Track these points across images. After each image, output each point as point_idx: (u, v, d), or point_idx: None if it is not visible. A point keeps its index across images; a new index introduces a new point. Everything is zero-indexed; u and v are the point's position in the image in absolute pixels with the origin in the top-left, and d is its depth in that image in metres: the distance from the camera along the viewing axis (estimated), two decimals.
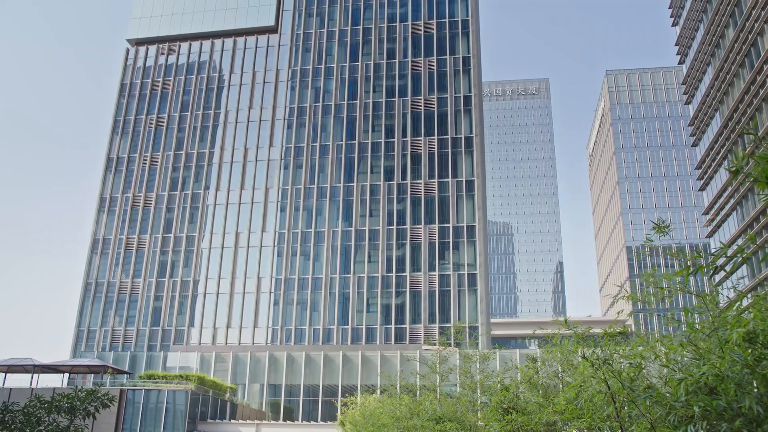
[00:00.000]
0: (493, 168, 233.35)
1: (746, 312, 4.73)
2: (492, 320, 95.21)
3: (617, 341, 5.75)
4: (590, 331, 6.18)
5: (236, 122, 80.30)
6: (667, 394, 4.44)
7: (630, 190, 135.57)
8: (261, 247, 74.00)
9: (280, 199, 75.67)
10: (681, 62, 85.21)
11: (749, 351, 3.96)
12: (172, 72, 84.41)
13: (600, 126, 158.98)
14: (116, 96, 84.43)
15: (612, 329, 5.59)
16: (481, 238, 69.79)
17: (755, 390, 3.94)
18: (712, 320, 4.88)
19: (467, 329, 65.69)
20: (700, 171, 78.94)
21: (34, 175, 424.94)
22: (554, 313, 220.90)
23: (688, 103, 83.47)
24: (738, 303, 4.76)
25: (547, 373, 8.51)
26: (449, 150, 73.59)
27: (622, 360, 5.57)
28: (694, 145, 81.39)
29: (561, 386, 8.17)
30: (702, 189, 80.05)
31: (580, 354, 5.68)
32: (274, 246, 73.74)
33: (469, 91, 75.88)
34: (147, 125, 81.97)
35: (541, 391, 8.38)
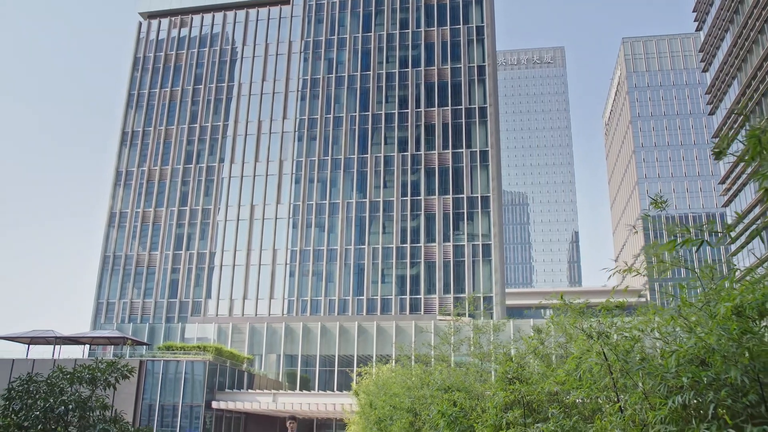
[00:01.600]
0: (508, 138, 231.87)
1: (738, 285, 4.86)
2: (507, 290, 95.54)
3: (614, 314, 5.91)
4: (588, 304, 6.35)
5: (249, 95, 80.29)
6: (660, 366, 4.61)
7: (646, 159, 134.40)
8: (276, 219, 74.41)
9: (294, 171, 75.86)
10: (699, 29, 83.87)
11: (735, 324, 4.12)
12: (184, 45, 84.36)
13: (616, 94, 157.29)
14: (130, 70, 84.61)
15: (608, 302, 5.77)
16: (495, 208, 69.76)
17: (742, 362, 4.11)
18: (704, 294, 5.03)
19: (482, 299, 66.00)
20: (717, 139, 78.07)
21: (50, 149, 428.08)
22: (570, 283, 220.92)
23: (705, 71, 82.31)
24: (732, 277, 4.90)
25: (551, 344, 8.71)
26: (463, 120, 73.27)
27: (622, 332, 5.73)
28: (711, 113, 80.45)
29: (566, 357, 8.35)
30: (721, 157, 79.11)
31: (577, 327, 5.87)
32: (289, 218, 74.13)
33: (483, 61, 75.29)
34: (161, 99, 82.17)
35: (545, 362, 8.58)
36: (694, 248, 4.60)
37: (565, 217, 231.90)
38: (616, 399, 5.39)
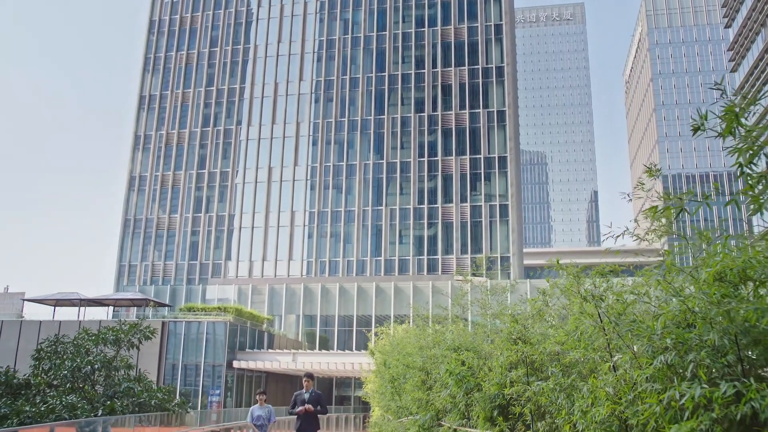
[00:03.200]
0: (527, 96, 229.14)
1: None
2: (525, 250, 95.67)
3: (608, 278, 6.15)
4: (586, 266, 6.57)
5: (266, 57, 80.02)
6: (648, 328, 4.87)
7: (667, 118, 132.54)
8: (294, 181, 74.76)
9: (311, 133, 75.93)
10: None
11: (715, 289, 4.36)
12: (200, 7, 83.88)
13: (637, 51, 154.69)
14: (146, 33, 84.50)
15: (602, 266, 6.02)
16: (512, 168, 69.57)
17: (722, 324, 4.36)
18: (695, 259, 5.24)
19: (499, 259, 66.28)
20: (739, 97, 76.85)
21: (69, 115, 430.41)
22: (588, 242, 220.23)
23: (728, 26, 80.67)
24: (724, 243, 5.10)
25: (555, 306, 8.98)
26: (480, 80, 72.70)
27: (616, 296, 5.96)
28: (734, 70, 79.09)
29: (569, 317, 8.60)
30: (743, 113, 77.95)
31: (573, 289, 6.13)
32: (306, 180, 74.44)
33: (501, 19, 74.31)
34: (177, 62, 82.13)
35: (550, 322, 8.87)
36: (714, 207, 4.77)
37: (584, 177, 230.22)
38: (610, 359, 5.66)
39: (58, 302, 56.34)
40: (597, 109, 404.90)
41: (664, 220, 5.81)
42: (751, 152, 4.74)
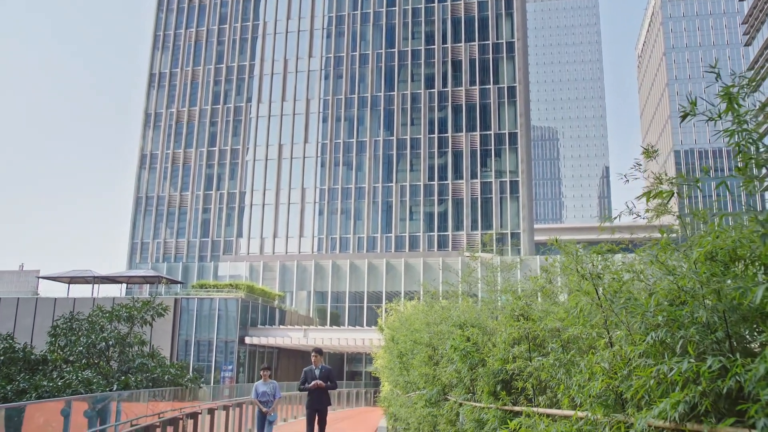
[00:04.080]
0: (538, 72, 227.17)
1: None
2: (537, 226, 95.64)
3: (606, 258, 6.27)
4: (585, 246, 6.69)
5: (275, 33, 79.75)
6: (641, 306, 5.01)
7: (680, 92, 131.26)
8: (304, 158, 74.89)
9: (321, 110, 75.89)
10: None
11: (705, 268, 4.50)
12: None
13: (650, 25, 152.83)
14: (155, 11, 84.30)
15: (601, 246, 6.14)
16: (523, 144, 69.39)
17: (711, 302, 4.50)
18: (691, 239, 5.37)
19: (509, 236, 66.36)
20: (753, 71, 76.10)
21: (80, 95, 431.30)
22: (600, 218, 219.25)
23: None
24: (719, 222, 5.22)
25: (559, 283, 9.13)
26: (490, 56, 72.25)
27: (613, 274, 6.10)
28: (747, 44, 78.13)
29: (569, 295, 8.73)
30: (755, 90, 77.17)
31: (571, 267, 6.27)
32: (317, 156, 74.55)
33: None
34: (187, 39, 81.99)
35: (553, 299, 9.03)
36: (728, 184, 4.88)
37: (595, 152, 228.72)
38: (606, 334, 5.82)
39: (72, 280, 57.05)
40: (609, 84, 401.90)
41: (662, 200, 5.90)
42: (747, 134, 4.85)
